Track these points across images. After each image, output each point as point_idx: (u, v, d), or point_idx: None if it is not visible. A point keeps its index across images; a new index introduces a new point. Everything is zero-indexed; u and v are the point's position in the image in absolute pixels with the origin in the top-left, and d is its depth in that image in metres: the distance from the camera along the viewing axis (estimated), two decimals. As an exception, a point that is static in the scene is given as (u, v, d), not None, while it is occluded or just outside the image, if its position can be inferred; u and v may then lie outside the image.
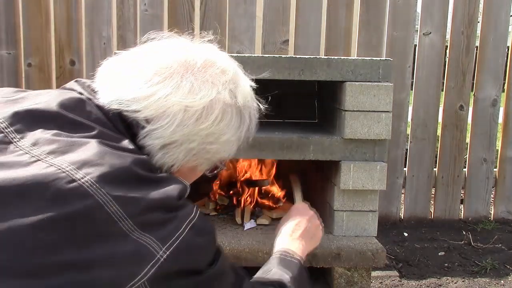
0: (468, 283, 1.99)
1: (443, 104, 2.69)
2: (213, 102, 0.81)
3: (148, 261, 0.66)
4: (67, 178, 0.64)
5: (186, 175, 0.86)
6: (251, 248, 1.64)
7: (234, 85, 0.86)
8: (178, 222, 0.70)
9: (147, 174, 0.72)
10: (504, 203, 2.81)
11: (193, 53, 0.85)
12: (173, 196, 0.71)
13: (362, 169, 1.66)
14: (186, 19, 2.56)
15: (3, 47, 2.58)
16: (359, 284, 1.68)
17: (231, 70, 0.87)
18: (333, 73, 1.65)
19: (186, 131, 0.79)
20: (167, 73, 0.80)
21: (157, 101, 0.78)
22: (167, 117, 0.78)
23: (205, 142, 0.82)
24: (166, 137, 0.79)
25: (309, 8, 2.57)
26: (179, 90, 0.79)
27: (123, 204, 0.65)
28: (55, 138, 0.70)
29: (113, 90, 0.80)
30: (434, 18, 2.62)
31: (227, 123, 0.84)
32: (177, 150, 0.80)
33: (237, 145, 0.91)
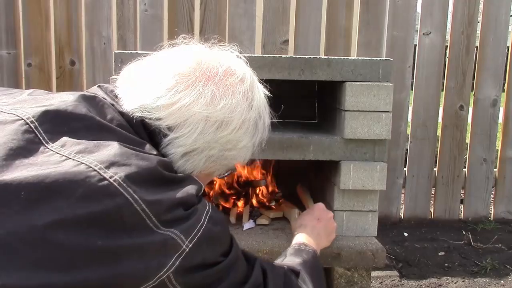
0: (468, 283, 1.99)
1: (443, 104, 2.69)
2: (232, 112, 0.84)
3: (175, 251, 0.69)
4: (97, 176, 0.66)
5: (201, 179, 0.87)
6: (251, 248, 1.64)
7: (251, 94, 0.89)
8: (198, 215, 0.74)
9: (169, 174, 0.75)
10: (504, 203, 2.81)
11: (214, 61, 0.87)
12: (193, 194, 0.75)
13: (362, 169, 1.66)
14: (186, 19, 2.56)
15: (3, 47, 2.58)
16: (359, 284, 1.68)
17: (249, 78, 0.90)
18: (333, 73, 1.64)
19: (207, 139, 0.82)
20: (190, 81, 0.82)
21: (180, 109, 0.80)
22: (189, 125, 0.80)
23: (224, 149, 0.86)
24: (188, 145, 0.82)
25: (309, 8, 2.57)
26: (201, 99, 0.81)
27: (149, 203, 0.68)
28: (82, 140, 0.72)
29: (135, 97, 0.82)
30: (434, 18, 2.62)
31: (245, 131, 0.87)
32: (198, 158, 0.84)
33: (252, 150, 0.94)
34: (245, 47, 2.55)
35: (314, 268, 1.14)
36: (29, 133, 0.71)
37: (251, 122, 0.89)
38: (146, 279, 0.68)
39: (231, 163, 0.91)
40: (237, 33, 2.55)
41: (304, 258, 1.15)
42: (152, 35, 2.57)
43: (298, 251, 1.19)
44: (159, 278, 0.68)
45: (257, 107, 0.90)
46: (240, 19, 2.55)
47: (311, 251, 1.21)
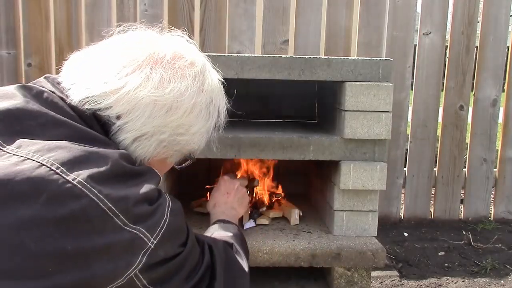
0: (468, 283, 1.99)
1: (443, 104, 2.69)
2: (182, 95, 0.82)
3: (141, 249, 0.70)
4: (60, 179, 0.65)
5: (157, 167, 0.86)
6: (251, 248, 1.63)
7: (202, 77, 0.87)
8: (162, 210, 0.75)
9: (131, 167, 0.74)
10: (504, 203, 2.81)
11: (162, 45, 0.85)
12: (154, 188, 0.75)
13: (362, 169, 1.66)
14: (186, 19, 2.56)
15: (3, 47, 2.58)
16: (359, 284, 1.68)
17: (200, 62, 0.88)
18: (333, 73, 1.65)
19: (157, 123, 0.80)
20: (137, 65, 0.80)
21: (127, 94, 0.78)
22: (137, 110, 0.78)
23: (175, 133, 0.84)
24: (137, 130, 0.80)
25: (309, 8, 2.57)
26: (149, 82, 0.79)
27: (115, 201, 0.67)
28: (38, 140, 0.70)
29: (83, 87, 0.79)
30: (434, 18, 2.62)
31: (197, 115, 0.85)
32: (148, 143, 0.82)
33: (207, 137, 0.92)
34: (245, 47, 2.55)
35: (242, 240, 1.22)
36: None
37: (203, 106, 0.87)
38: (115, 278, 0.68)
39: (185, 148, 0.89)
40: (237, 33, 2.55)
41: (232, 232, 1.21)
42: (152, 35, 2.56)
43: (223, 226, 1.25)
44: (127, 276, 0.69)
45: (209, 91, 0.88)
46: (240, 19, 2.55)
47: (235, 226, 1.28)
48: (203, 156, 1.66)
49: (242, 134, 1.67)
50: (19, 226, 0.61)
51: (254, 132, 1.74)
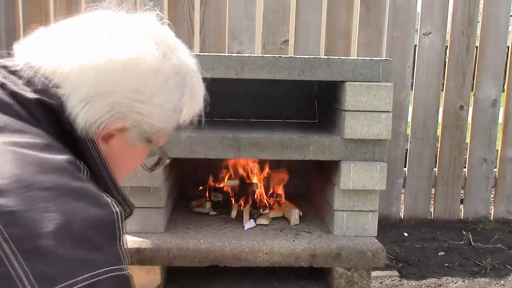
0: (468, 283, 1.99)
1: (443, 104, 2.69)
2: (144, 55, 0.74)
3: None
4: None
5: (118, 151, 0.78)
6: (251, 248, 1.64)
7: (172, 48, 0.79)
8: (72, 267, 0.53)
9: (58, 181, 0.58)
10: (504, 203, 2.81)
11: (121, 17, 0.78)
12: (85, 225, 0.56)
13: (362, 169, 1.66)
14: (186, 19, 2.56)
15: (3, 47, 2.58)
16: (359, 284, 1.68)
17: (170, 37, 0.80)
18: (333, 73, 1.65)
19: (111, 81, 0.71)
20: (89, 28, 0.74)
21: (76, 56, 0.70)
22: (86, 67, 0.70)
23: (133, 98, 0.73)
24: (87, 88, 0.70)
25: (309, 8, 2.57)
26: (100, 41, 0.72)
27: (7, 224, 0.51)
28: None
29: (28, 57, 0.72)
30: (434, 18, 2.62)
31: (160, 83, 0.76)
32: (100, 104, 0.71)
33: (176, 118, 0.82)
34: (245, 47, 2.55)
35: None
36: None
37: (170, 76, 0.77)
38: None
39: (147, 123, 0.76)
40: (237, 33, 2.55)
41: None
42: (152, 35, 2.57)
43: None
44: None
45: (180, 64, 0.79)
46: (240, 19, 2.55)
47: None
48: (203, 156, 1.66)
49: (242, 134, 1.68)
50: None
51: (254, 132, 1.74)
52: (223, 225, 1.85)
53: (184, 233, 1.73)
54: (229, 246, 1.64)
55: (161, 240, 1.65)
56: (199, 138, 1.64)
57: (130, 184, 1.63)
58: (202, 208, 2.00)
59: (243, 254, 1.62)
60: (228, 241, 1.67)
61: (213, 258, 1.63)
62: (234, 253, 1.63)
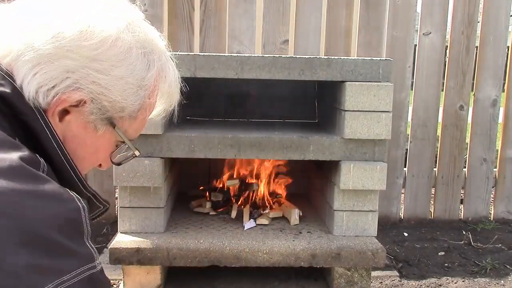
0: (468, 283, 1.99)
1: (443, 104, 2.69)
2: (100, 21, 0.68)
3: None
4: None
5: (77, 135, 0.72)
6: (251, 248, 1.64)
7: (140, 24, 0.74)
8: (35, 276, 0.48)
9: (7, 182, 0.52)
10: (504, 203, 2.81)
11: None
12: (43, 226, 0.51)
13: (362, 169, 1.66)
14: (186, 19, 2.56)
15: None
16: (359, 284, 1.68)
17: (134, 13, 0.75)
18: (333, 73, 1.65)
19: (64, 43, 0.65)
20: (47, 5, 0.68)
21: (29, 21, 0.66)
22: (38, 29, 0.65)
23: (89, 66, 0.67)
24: (36, 51, 0.64)
25: (309, 8, 2.57)
26: (54, 8, 0.68)
27: None
28: None
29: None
30: (434, 18, 2.62)
31: (121, 56, 0.70)
32: (52, 66, 0.65)
33: (141, 96, 0.75)
34: (245, 47, 2.55)
35: None
36: None
37: (132, 47, 0.71)
38: None
39: (106, 97, 0.70)
40: (237, 33, 2.55)
41: None
42: (152, 35, 2.57)
43: None
44: None
45: (146, 39, 0.73)
46: (240, 19, 2.55)
47: None
48: (203, 156, 1.66)
49: (242, 134, 1.68)
50: None
51: (254, 132, 1.74)
52: (223, 225, 1.85)
53: (184, 233, 1.73)
54: (229, 246, 1.64)
55: (161, 240, 1.65)
56: (199, 138, 1.64)
57: (130, 184, 1.63)
58: (202, 208, 2.00)
59: (243, 254, 1.62)
60: (228, 241, 1.67)
61: (213, 258, 1.63)
62: (234, 253, 1.63)
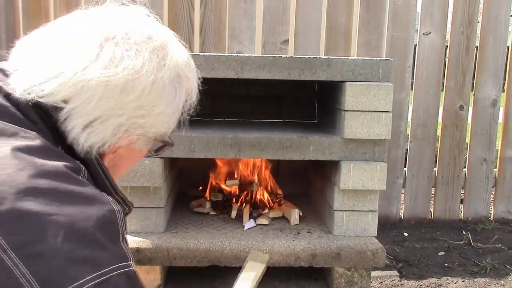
0: (468, 283, 1.99)
1: (443, 104, 2.69)
2: (138, 72, 0.72)
3: None
4: None
5: (124, 156, 0.80)
6: (251, 248, 1.64)
7: (164, 52, 0.77)
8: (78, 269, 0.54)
9: (56, 186, 0.58)
10: (504, 203, 2.81)
11: (115, 21, 0.76)
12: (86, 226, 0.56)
13: (362, 169, 1.66)
14: (186, 19, 2.56)
15: (3, 47, 2.58)
16: (359, 284, 1.68)
17: (160, 35, 0.78)
18: (333, 73, 1.65)
19: (110, 105, 0.70)
20: (84, 45, 0.71)
21: (74, 76, 0.69)
22: (86, 92, 0.69)
23: (135, 115, 0.73)
24: (88, 114, 0.70)
25: (309, 8, 2.57)
26: (98, 61, 0.70)
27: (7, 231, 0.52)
28: None
29: (24, 73, 0.71)
30: (434, 18, 2.62)
31: (159, 94, 0.75)
32: (103, 127, 0.71)
33: (177, 117, 0.82)
34: (245, 47, 2.55)
35: None
36: None
37: (166, 83, 0.76)
38: None
39: (150, 132, 0.78)
40: (237, 33, 2.55)
41: None
42: (152, 35, 2.56)
43: None
44: None
45: (174, 66, 0.77)
46: (240, 19, 2.55)
47: None
48: (203, 156, 1.66)
49: (242, 134, 1.68)
50: None
51: (254, 132, 1.74)
52: (223, 225, 1.85)
53: (184, 233, 1.73)
54: (229, 246, 1.64)
55: (161, 240, 1.65)
56: (199, 138, 1.64)
57: (130, 184, 1.63)
58: (202, 208, 2.00)
59: (243, 254, 1.62)
60: (228, 241, 1.67)
61: (213, 258, 1.63)
62: (234, 253, 1.63)
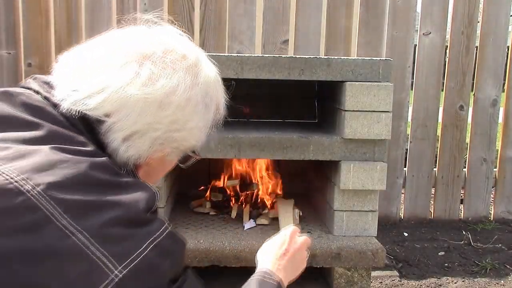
0: (468, 283, 1.99)
1: (443, 104, 2.69)
2: (174, 89, 0.78)
3: (102, 281, 0.60)
4: (15, 190, 0.59)
5: (156, 167, 0.85)
6: (251, 248, 1.64)
7: (196, 70, 0.83)
8: (138, 240, 0.65)
9: (108, 178, 0.68)
10: (504, 203, 2.81)
11: (152, 39, 0.82)
12: (138, 208, 0.67)
13: (362, 169, 1.66)
14: (186, 19, 2.56)
15: (3, 47, 2.58)
16: (359, 284, 1.68)
17: (193, 55, 0.84)
18: (333, 73, 1.65)
19: (148, 120, 0.76)
20: (124, 62, 0.77)
21: (115, 93, 0.75)
22: (126, 108, 0.75)
23: (170, 129, 0.79)
24: (127, 129, 0.76)
25: (309, 8, 2.57)
26: (138, 79, 0.76)
27: (77, 216, 0.60)
28: (3, 145, 0.66)
29: (69, 88, 0.76)
30: (434, 18, 2.62)
31: (192, 109, 0.81)
32: (141, 141, 0.77)
33: (206, 131, 0.88)
34: (245, 47, 2.55)
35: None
36: None
37: (199, 100, 0.82)
38: None
39: (183, 145, 0.84)
40: (237, 33, 2.55)
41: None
42: (152, 35, 2.57)
43: (262, 283, 1.03)
44: None
45: (205, 84, 0.84)
46: (240, 19, 2.55)
47: (275, 284, 1.04)
48: (203, 156, 1.66)
49: (242, 134, 1.68)
50: None
51: (254, 132, 1.74)
52: (223, 225, 1.85)
53: (184, 233, 1.73)
54: (229, 246, 1.64)
55: (161, 240, 1.65)
56: (199, 138, 1.64)
57: (130, 184, 1.63)
58: (202, 208, 1.99)
59: (243, 254, 1.62)
60: (228, 241, 1.67)
61: (213, 258, 1.63)
62: (234, 253, 1.63)
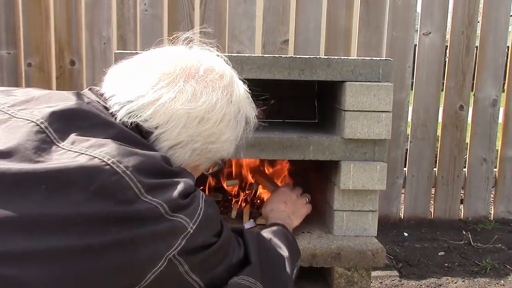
0: (468, 283, 1.99)
1: (443, 104, 2.69)
2: (213, 106, 0.90)
3: (181, 233, 0.76)
4: (111, 171, 0.72)
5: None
6: (251, 248, 1.64)
7: (231, 89, 0.95)
8: (198, 200, 0.81)
9: (170, 168, 0.82)
10: (504, 203, 2.81)
11: (195, 60, 0.94)
12: (191, 184, 0.82)
13: (362, 169, 1.66)
14: (186, 19, 2.56)
15: (3, 47, 2.58)
16: (359, 284, 1.68)
17: (228, 75, 0.97)
18: (333, 73, 1.64)
19: (190, 132, 0.89)
20: (171, 79, 0.88)
21: (163, 106, 0.86)
22: (173, 121, 0.87)
23: (207, 142, 0.92)
24: (173, 139, 0.88)
25: (309, 8, 2.57)
26: (183, 95, 0.87)
27: (157, 193, 0.75)
28: (90, 137, 0.77)
29: (123, 99, 0.87)
30: (434, 18, 2.62)
31: (226, 124, 0.94)
32: (183, 151, 0.90)
33: (235, 143, 1.01)
34: (245, 47, 2.55)
35: (283, 235, 1.21)
36: (40, 133, 0.76)
37: (232, 116, 0.95)
38: (156, 261, 0.73)
39: (215, 156, 0.97)
40: (237, 33, 2.55)
41: (289, 250, 1.17)
42: (152, 35, 2.57)
43: (278, 231, 1.25)
44: (167, 257, 0.74)
45: (237, 102, 0.97)
46: (240, 19, 2.55)
47: (287, 232, 1.27)
48: (203, 156, 1.66)
49: (242, 134, 1.67)
50: (70, 213, 0.68)
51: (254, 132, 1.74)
52: (223, 225, 1.85)
53: (184, 233, 1.73)
54: (229, 246, 1.64)
55: (161, 240, 1.65)
56: (199, 138, 1.64)
57: (130, 184, 1.63)
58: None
59: (243, 254, 1.62)
60: (228, 241, 1.67)
61: (213, 258, 1.62)
62: (234, 253, 1.63)
